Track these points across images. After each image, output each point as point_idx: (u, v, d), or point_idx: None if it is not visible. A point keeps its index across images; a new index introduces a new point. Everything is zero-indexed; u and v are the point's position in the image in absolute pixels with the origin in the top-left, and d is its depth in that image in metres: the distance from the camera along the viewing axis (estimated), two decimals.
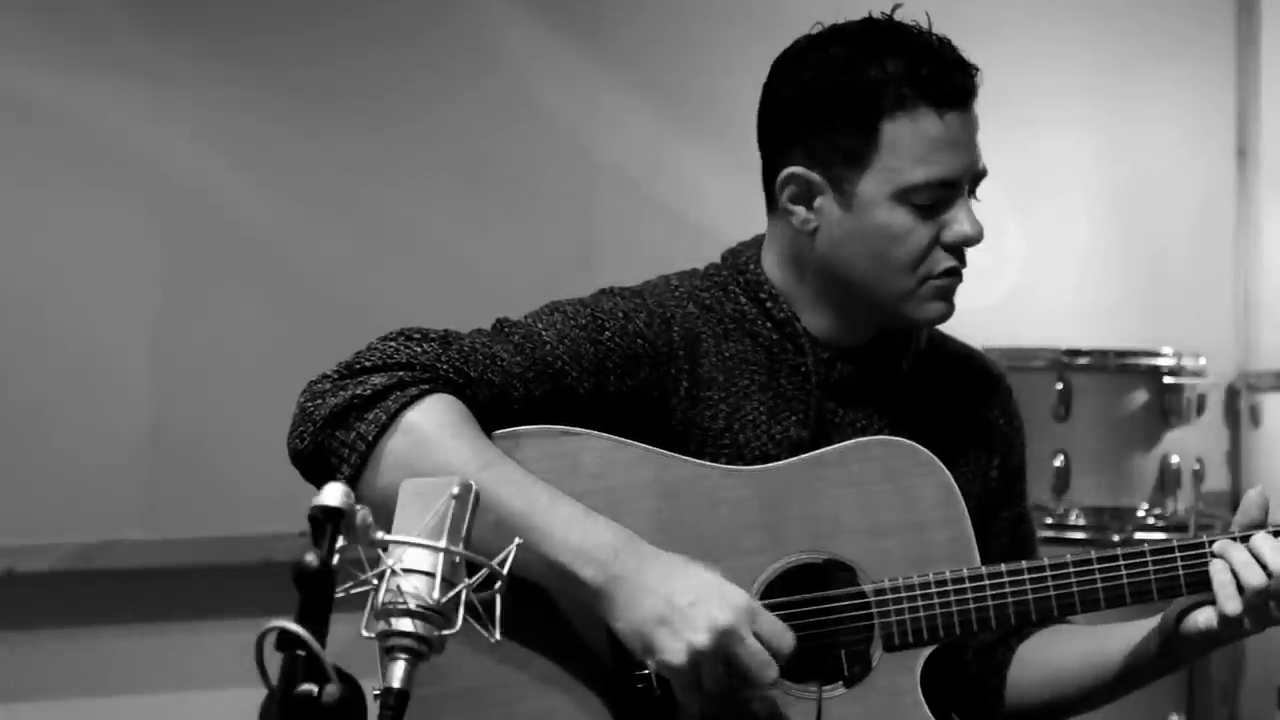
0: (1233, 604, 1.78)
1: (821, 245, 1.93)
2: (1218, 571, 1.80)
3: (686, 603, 1.69)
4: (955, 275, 1.91)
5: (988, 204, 4.36)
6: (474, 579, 1.35)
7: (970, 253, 1.94)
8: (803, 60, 1.92)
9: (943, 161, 1.87)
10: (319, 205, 3.38)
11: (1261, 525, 1.83)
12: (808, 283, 1.96)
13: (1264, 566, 1.78)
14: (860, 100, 1.87)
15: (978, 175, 1.93)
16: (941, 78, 1.87)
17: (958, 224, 1.89)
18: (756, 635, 1.70)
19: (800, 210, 1.92)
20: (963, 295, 1.95)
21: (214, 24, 3.32)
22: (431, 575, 1.32)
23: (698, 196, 3.55)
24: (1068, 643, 1.99)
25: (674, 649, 1.69)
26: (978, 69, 1.92)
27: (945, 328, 2.12)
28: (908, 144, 1.86)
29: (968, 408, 2.06)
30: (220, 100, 3.30)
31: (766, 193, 1.98)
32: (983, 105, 1.96)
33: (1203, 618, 1.82)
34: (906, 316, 1.93)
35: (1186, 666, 1.89)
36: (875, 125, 1.86)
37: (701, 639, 1.68)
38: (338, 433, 1.76)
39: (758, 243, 2.02)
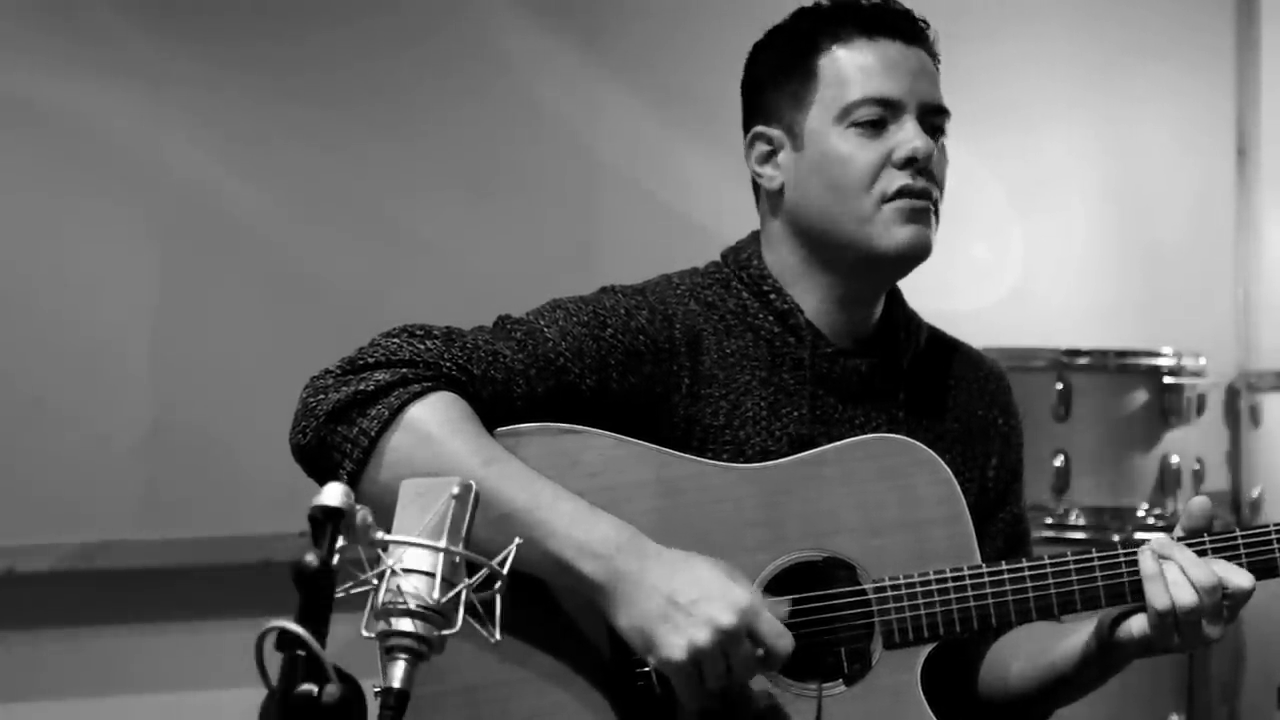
0: (1162, 599, 1.78)
1: (789, 199, 1.97)
2: (1148, 564, 1.79)
3: (688, 600, 1.70)
4: (914, 196, 1.91)
5: (989, 205, 4.37)
6: (474, 579, 1.35)
7: (971, 252, 1.95)
8: (759, 42, 2.04)
9: (879, 81, 1.92)
10: (320, 206, 3.39)
11: (1205, 530, 1.83)
12: (797, 255, 1.98)
13: (1190, 582, 1.77)
14: (798, 45, 1.96)
15: (930, 106, 1.94)
16: (873, 13, 1.95)
17: (904, 140, 1.91)
18: (757, 636, 1.71)
19: (766, 170, 1.98)
20: (963, 295, 1.96)
21: (215, 29, 3.32)
22: (431, 575, 1.32)
23: (699, 197, 3.55)
24: (1029, 640, 1.98)
25: (675, 646, 1.69)
26: (926, 22, 1.98)
27: (946, 327, 2.13)
28: (841, 71, 1.93)
29: (967, 405, 2.06)
30: (222, 104, 3.31)
31: (752, 182, 2.04)
32: (985, 107, 1.99)
33: (1137, 625, 1.82)
34: (875, 248, 1.92)
35: (1185, 666, 1.88)
36: (812, 62, 1.94)
37: (703, 636, 1.68)
38: (340, 428, 1.76)
39: (756, 237, 2.04)
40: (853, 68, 1.92)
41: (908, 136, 1.91)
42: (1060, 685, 1.94)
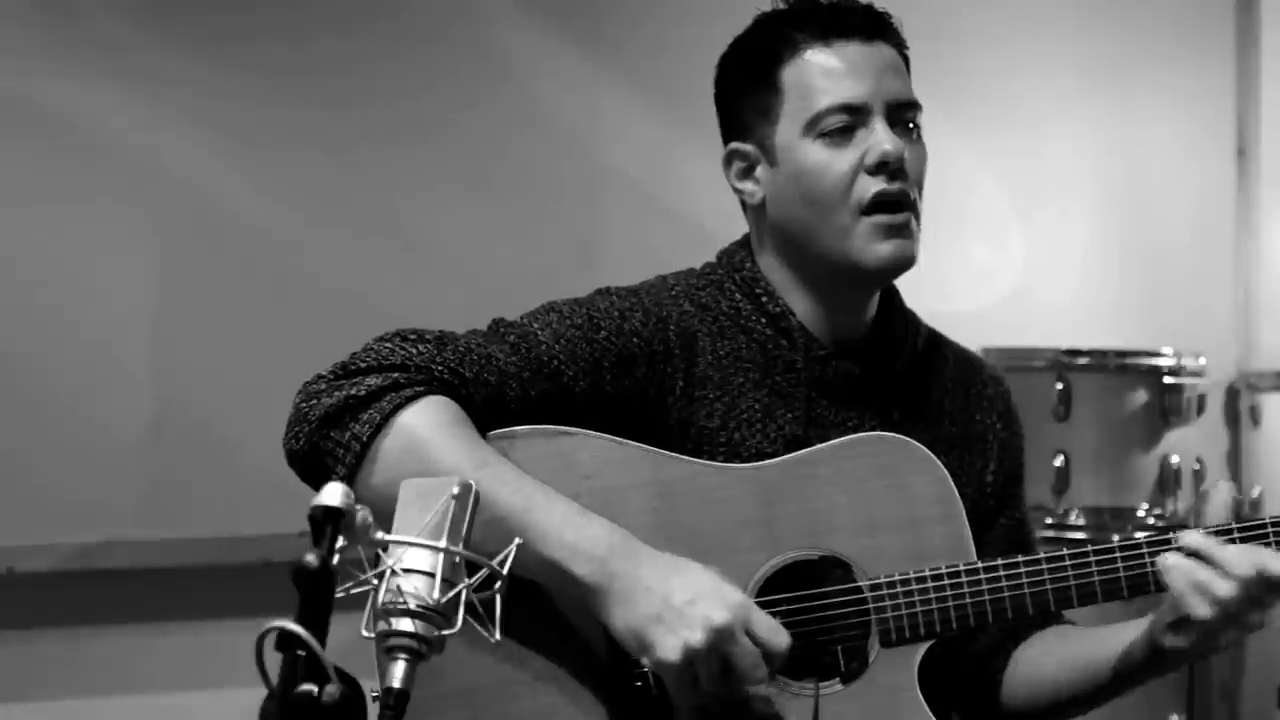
0: (1204, 609, 1.78)
1: (772, 213, 1.96)
2: (1176, 581, 1.79)
3: (682, 601, 1.70)
4: (892, 206, 1.90)
5: (989, 205, 4.37)
6: (474, 579, 1.35)
7: (971, 252, 1.94)
8: (724, 54, 2.03)
9: (840, 87, 1.90)
10: (321, 207, 3.39)
11: (1233, 521, 1.83)
12: (785, 264, 1.98)
13: (1229, 574, 1.77)
14: (760, 59, 1.94)
15: (897, 103, 1.92)
16: (829, 15, 1.92)
17: (874, 144, 1.89)
18: (752, 634, 1.71)
19: (746, 185, 1.98)
20: (963, 295, 1.95)
21: (216, 30, 3.32)
22: (431, 575, 1.32)
23: (699, 197, 3.54)
24: (1062, 647, 1.99)
25: (669, 647, 1.69)
26: (889, 14, 1.95)
27: (946, 326, 2.12)
28: (804, 81, 1.91)
29: (965, 411, 2.06)
30: (223, 104, 3.31)
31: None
32: (985, 108, 1.98)
33: (1184, 632, 1.81)
34: (858, 263, 1.91)
35: (1183, 668, 1.88)
36: (774, 75, 1.93)
37: (697, 638, 1.68)
38: (332, 433, 1.77)
39: (749, 240, 2.04)
40: (814, 76, 1.90)
41: (877, 140, 1.89)
42: (1104, 688, 1.94)
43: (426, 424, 1.77)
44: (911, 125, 1.94)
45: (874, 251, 1.90)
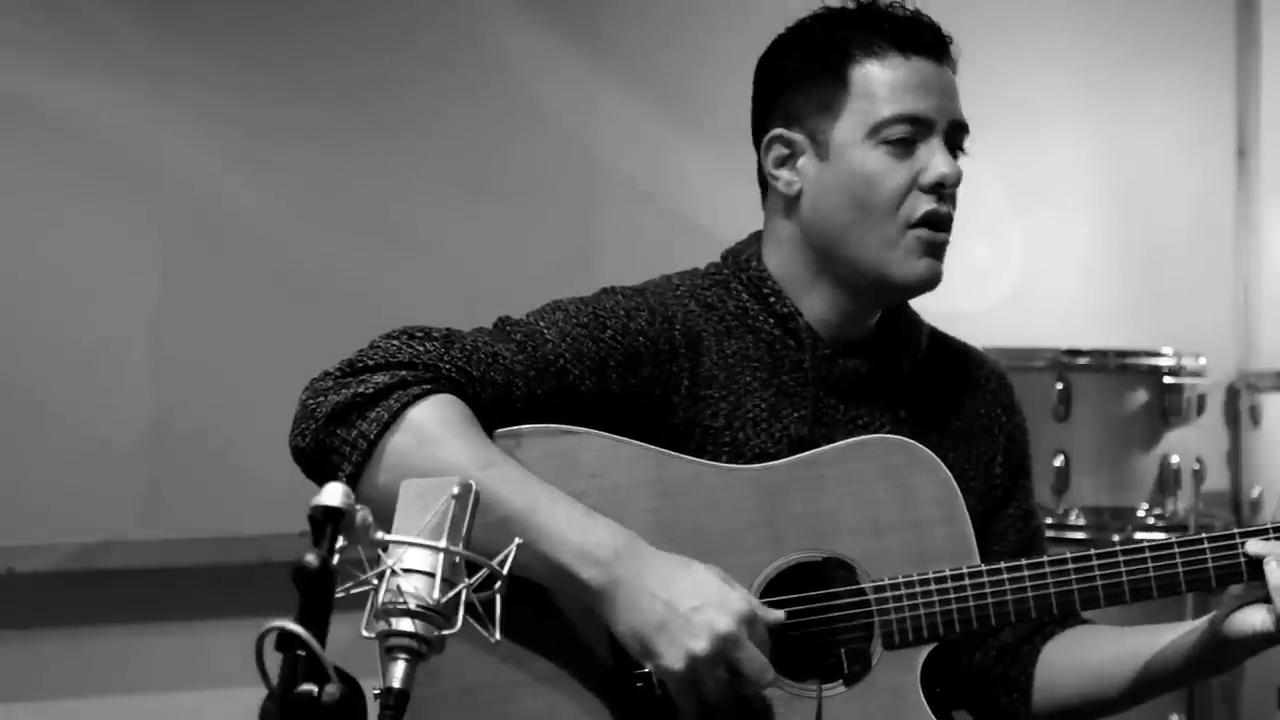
0: None
1: (806, 207, 1.95)
2: (1273, 571, 1.78)
3: (687, 608, 1.69)
4: (938, 227, 1.91)
5: (989, 204, 4.37)
6: (474, 579, 1.35)
7: (971, 252, 1.95)
8: (781, 39, 2.01)
9: (912, 99, 1.91)
10: (320, 205, 3.39)
11: None
12: (804, 262, 1.97)
13: None
14: (829, 52, 1.93)
15: (956, 124, 1.94)
16: (907, 27, 1.93)
17: (934, 165, 1.90)
18: (756, 640, 1.71)
19: (784, 174, 1.96)
20: (963, 295, 1.95)
21: (214, 27, 3.32)
22: (431, 575, 1.32)
23: (698, 196, 3.55)
24: (1109, 643, 1.98)
25: (672, 654, 1.69)
26: (951, 38, 1.96)
27: (946, 327, 2.13)
28: (876, 85, 1.91)
29: (970, 405, 2.06)
30: (221, 102, 3.31)
31: (760, 182, 2.02)
32: (985, 107, 1.99)
33: (1259, 618, 1.81)
34: (892, 276, 1.92)
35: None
36: (844, 71, 1.92)
37: (700, 645, 1.68)
38: (339, 430, 1.77)
39: (757, 238, 2.04)
40: (886, 83, 1.91)
41: (936, 162, 1.90)
42: (1156, 682, 1.93)
43: (434, 422, 1.76)
44: (960, 150, 1.95)
45: (911, 267, 1.91)
